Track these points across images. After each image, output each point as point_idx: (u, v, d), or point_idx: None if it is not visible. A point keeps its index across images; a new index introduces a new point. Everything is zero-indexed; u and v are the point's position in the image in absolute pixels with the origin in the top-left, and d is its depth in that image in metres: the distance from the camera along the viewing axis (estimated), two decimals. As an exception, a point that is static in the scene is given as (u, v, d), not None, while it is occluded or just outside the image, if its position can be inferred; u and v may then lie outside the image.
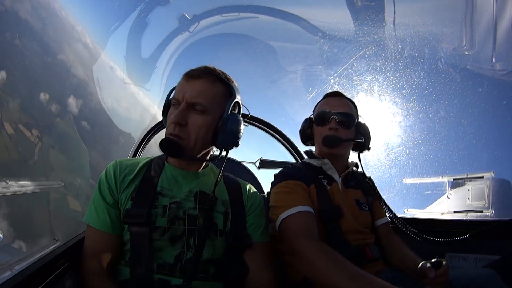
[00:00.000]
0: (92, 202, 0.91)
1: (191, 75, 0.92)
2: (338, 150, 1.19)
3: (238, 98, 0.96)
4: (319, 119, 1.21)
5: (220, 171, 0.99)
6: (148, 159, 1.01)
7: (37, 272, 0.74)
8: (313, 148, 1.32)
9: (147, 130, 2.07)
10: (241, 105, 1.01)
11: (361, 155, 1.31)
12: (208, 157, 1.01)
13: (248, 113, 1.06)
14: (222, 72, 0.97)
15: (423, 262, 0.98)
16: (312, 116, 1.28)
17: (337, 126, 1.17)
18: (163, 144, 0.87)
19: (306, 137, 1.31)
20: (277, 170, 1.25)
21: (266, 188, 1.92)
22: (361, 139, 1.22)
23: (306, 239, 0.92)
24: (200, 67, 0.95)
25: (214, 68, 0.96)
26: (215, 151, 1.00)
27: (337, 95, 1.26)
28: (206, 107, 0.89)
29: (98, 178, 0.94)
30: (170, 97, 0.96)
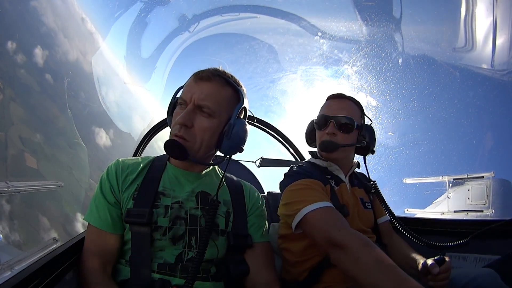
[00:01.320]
0: (93, 201, 0.90)
1: (200, 77, 0.90)
2: (336, 154, 1.17)
3: (245, 103, 0.95)
4: (318, 123, 1.20)
5: (223, 174, 0.98)
6: (150, 159, 1.01)
7: (37, 272, 0.73)
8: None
9: (148, 129, 2.06)
10: (247, 110, 1.00)
11: (366, 157, 1.29)
12: (211, 160, 1.01)
13: (253, 117, 1.05)
14: (232, 76, 0.96)
15: (425, 260, 0.98)
16: (315, 119, 1.27)
17: (335, 130, 1.14)
18: (168, 145, 0.86)
19: (310, 139, 1.30)
20: (277, 169, 1.23)
21: (267, 188, 1.92)
22: (362, 143, 1.18)
23: (348, 231, 0.86)
24: (210, 69, 0.93)
25: (224, 71, 0.95)
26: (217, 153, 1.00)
27: (338, 97, 1.23)
28: (213, 111, 0.88)
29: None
30: (177, 96, 0.95)
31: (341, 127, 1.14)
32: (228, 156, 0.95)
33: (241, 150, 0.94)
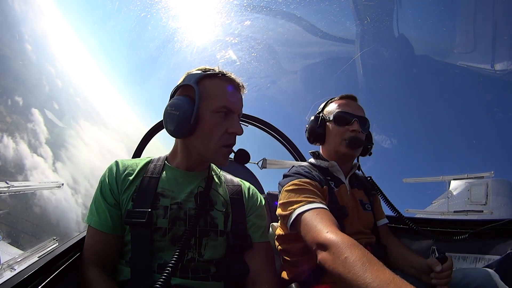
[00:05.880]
0: (93, 203, 0.91)
1: (239, 86, 0.95)
2: (357, 152, 1.22)
3: None
4: (340, 120, 1.20)
5: (210, 171, 1.00)
6: (148, 160, 1.01)
7: (37, 272, 0.74)
8: (319, 148, 1.31)
9: (148, 130, 2.06)
10: None
11: (359, 157, 1.32)
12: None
13: (253, 117, 1.13)
14: None
15: (427, 258, 0.98)
16: (324, 116, 1.26)
17: (360, 128, 1.19)
18: (242, 155, 0.97)
19: (316, 136, 1.27)
20: (279, 170, 1.24)
21: (267, 188, 1.92)
22: (371, 144, 1.27)
23: (335, 232, 0.85)
24: (232, 74, 0.95)
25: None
26: None
27: (354, 98, 1.28)
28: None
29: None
30: (215, 104, 0.89)
31: (363, 127, 1.20)
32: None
33: None
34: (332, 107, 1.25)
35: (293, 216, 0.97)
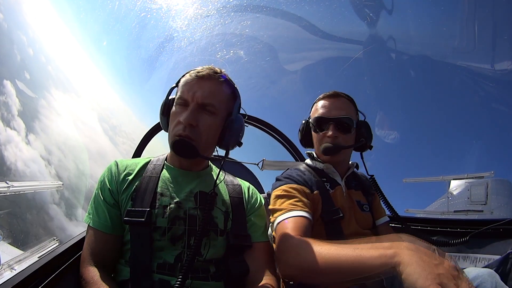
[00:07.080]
0: (92, 203, 0.91)
1: (201, 76, 0.91)
2: (339, 157, 1.16)
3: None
4: (316, 125, 1.17)
5: (220, 169, 0.99)
6: (147, 160, 1.02)
7: (37, 272, 0.74)
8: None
9: (147, 131, 2.06)
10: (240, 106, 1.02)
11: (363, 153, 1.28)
12: (211, 156, 1.02)
13: (245, 114, 1.06)
14: (226, 73, 0.98)
15: None
16: (309, 120, 1.24)
17: (336, 133, 1.12)
18: (178, 145, 0.87)
19: (305, 141, 1.27)
20: (279, 171, 1.22)
21: (266, 188, 1.92)
22: (362, 140, 1.16)
23: (294, 238, 0.84)
24: (206, 67, 0.95)
25: (220, 69, 0.97)
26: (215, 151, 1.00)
27: (333, 96, 1.19)
28: (216, 108, 0.90)
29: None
30: (172, 96, 0.96)
31: (341, 129, 1.13)
32: (226, 153, 0.96)
33: (240, 144, 0.98)
34: (313, 112, 1.22)
35: (274, 225, 0.97)
